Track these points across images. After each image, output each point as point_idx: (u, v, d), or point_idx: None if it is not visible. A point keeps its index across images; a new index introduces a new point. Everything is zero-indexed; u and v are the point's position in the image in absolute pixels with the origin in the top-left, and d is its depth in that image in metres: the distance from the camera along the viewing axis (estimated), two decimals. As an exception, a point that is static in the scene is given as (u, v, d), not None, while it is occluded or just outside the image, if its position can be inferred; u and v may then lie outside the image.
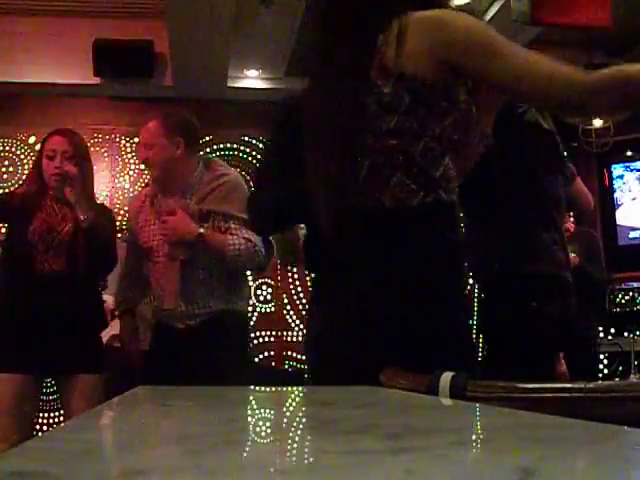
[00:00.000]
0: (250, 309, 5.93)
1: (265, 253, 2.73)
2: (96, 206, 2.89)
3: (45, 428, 4.91)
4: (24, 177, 5.79)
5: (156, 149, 2.77)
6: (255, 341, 5.89)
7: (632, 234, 6.30)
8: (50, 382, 3.28)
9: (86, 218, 2.70)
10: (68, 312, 2.66)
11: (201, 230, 2.67)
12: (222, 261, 2.69)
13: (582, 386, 0.89)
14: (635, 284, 5.87)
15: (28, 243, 2.66)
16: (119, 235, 3.34)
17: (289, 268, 5.75)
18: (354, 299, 1.44)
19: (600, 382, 0.89)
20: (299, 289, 6.02)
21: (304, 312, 5.99)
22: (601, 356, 5.30)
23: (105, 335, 3.46)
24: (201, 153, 3.44)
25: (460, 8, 4.76)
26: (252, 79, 6.06)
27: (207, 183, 2.79)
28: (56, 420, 4.95)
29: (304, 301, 5.99)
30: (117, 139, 5.93)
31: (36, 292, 2.65)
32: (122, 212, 5.24)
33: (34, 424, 2.94)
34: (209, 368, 2.52)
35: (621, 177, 6.40)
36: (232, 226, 2.71)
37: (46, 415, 5.00)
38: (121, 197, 5.85)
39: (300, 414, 0.92)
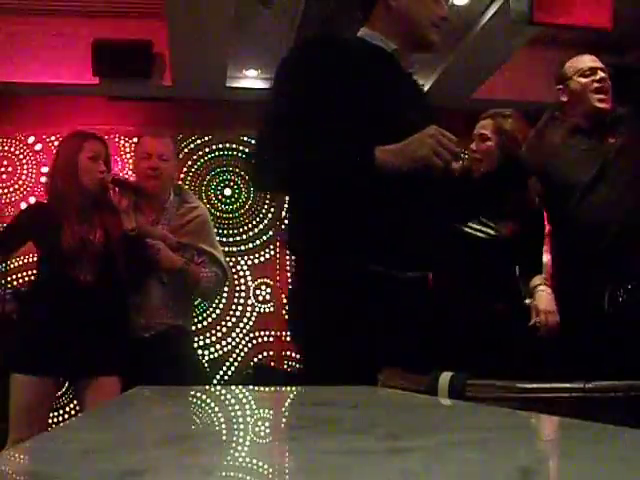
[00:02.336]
0: (249, 309, 5.94)
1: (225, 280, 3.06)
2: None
3: (44, 428, 4.91)
4: (22, 177, 5.81)
5: (169, 164, 2.92)
6: (254, 341, 5.89)
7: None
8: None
9: (134, 228, 2.70)
10: (98, 317, 2.66)
11: (184, 262, 2.83)
12: (194, 290, 2.93)
13: (582, 386, 0.89)
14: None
15: (62, 255, 2.63)
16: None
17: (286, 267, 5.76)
18: None
19: (600, 382, 0.89)
20: (298, 289, 6.01)
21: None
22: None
23: None
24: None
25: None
26: (251, 79, 6.05)
27: (181, 215, 2.92)
28: (55, 420, 4.95)
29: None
30: (116, 139, 5.92)
31: (70, 298, 2.64)
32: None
33: (47, 425, 2.94)
34: (163, 375, 2.62)
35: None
36: (206, 260, 2.92)
37: (45, 415, 5.00)
38: (120, 197, 5.85)
39: (299, 414, 0.92)
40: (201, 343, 5.58)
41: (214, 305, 5.82)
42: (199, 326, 5.60)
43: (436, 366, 1.15)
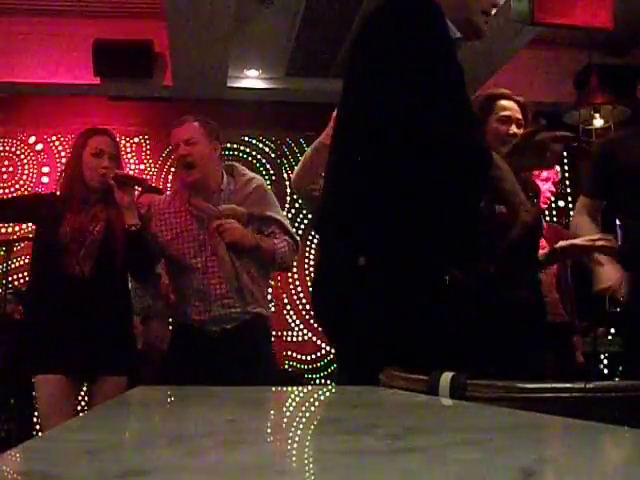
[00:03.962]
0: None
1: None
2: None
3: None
4: (23, 177, 5.81)
5: (200, 146, 2.77)
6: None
7: (632, 234, 6.29)
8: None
9: (136, 224, 2.68)
10: (98, 314, 2.64)
11: (258, 238, 2.73)
12: (270, 264, 2.79)
13: (582, 386, 0.89)
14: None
15: (59, 245, 2.63)
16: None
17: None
18: None
19: (600, 382, 0.89)
20: (299, 289, 6.02)
21: (304, 312, 5.99)
22: (601, 356, 5.29)
23: None
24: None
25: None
26: (252, 79, 6.05)
27: (240, 189, 2.83)
28: (56, 420, 4.94)
29: (304, 301, 5.98)
30: (117, 139, 5.93)
31: (66, 294, 2.63)
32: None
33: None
34: (243, 371, 2.55)
35: (621, 177, 6.40)
36: (275, 230, 2.80)
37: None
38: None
39: (300, 414, 0.92)
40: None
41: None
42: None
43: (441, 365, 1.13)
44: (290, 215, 6.12)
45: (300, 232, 5.84)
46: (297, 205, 6.19)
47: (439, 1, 1.71)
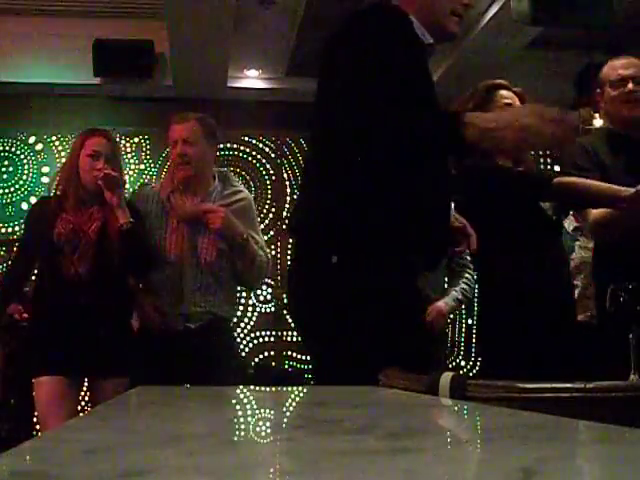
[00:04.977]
0: (250, 309, 5.93)
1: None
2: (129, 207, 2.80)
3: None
4: (23, 177, 5.81)
5: (197, 147, 2.78)
6: (255, 341, 5.89)
7: (632, 234, 6.29)
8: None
9: (128, 222, 2.65)
10: (97, 315, 2.63)
11: (249, 233, 2.72)
12: (249, 267, 2.76)
13: (582, 386, 0.89)
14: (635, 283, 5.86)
15: (54, 245, 2.62)
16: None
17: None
18: None
19: (600, 382, 0.89)
20: (299, 289, 6.02)
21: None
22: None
23: None
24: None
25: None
26: (252, 79, 6.06)
27: (226, 196, 2.83)
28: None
29: (304, 301, 5.98)
30: (117, 139, 5.93)
31: (63, 295, 2.62)
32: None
33: None
34: (206, 371, 2.56)
35: (621, 177, 6.40)
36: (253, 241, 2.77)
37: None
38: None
39: (300, 414, 0.92)
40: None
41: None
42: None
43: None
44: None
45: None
46: (297, 205, 6.19)
47: (407, 8, 1.74)
